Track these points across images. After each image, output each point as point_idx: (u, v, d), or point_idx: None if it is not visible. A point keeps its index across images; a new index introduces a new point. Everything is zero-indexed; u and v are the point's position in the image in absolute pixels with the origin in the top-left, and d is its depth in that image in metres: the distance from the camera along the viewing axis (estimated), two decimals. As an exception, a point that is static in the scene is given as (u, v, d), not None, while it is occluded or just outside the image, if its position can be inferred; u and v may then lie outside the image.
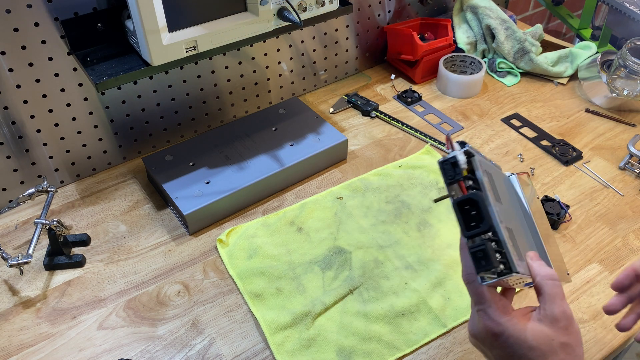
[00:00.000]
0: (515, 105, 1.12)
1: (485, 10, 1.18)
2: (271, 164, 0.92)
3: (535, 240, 0.58)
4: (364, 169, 0.98)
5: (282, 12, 0.81)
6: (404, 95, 1.13)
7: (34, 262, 0.81)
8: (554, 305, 0.50)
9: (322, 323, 0.73)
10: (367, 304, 0.75)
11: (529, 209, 0.59)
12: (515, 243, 0.49)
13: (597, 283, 0.78)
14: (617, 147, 1.01)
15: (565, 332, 0.50)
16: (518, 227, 0.53)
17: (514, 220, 0.53)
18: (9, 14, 0.75)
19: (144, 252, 0.84)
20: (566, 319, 0.50)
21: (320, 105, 1.13)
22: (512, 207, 0.55)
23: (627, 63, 1.03)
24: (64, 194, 0.94)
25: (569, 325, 0.50)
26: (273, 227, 0.86)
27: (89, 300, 0.77)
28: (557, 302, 0.51)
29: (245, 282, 0.78)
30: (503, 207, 0.50)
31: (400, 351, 0.70)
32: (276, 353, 0.70)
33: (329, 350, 0.70)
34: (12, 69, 0.80)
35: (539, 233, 0.59)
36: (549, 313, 0.50)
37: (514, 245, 0.49)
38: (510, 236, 0.49)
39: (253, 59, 1.03)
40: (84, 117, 0.90)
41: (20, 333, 0.73)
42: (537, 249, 0.56)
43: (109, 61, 0.79)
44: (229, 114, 1.07)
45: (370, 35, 1.18)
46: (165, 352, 0.71)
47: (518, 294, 0.76)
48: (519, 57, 1.18)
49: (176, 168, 0.91)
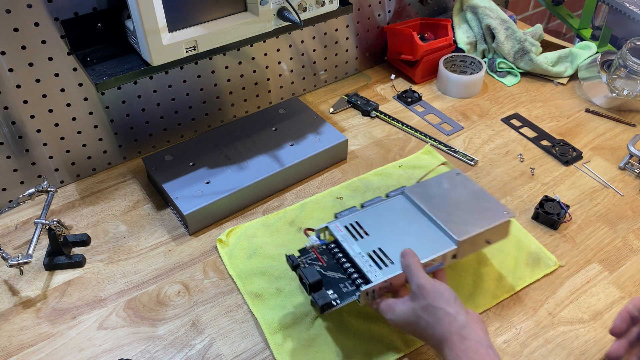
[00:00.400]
0: (515, 105, 1.12)
1: (485, 10, 1.18)
2: (271, 164, 0.92)
3: (426, 228, 0.73)
4: (364, 169, 0.98)
5: (282, 12, 0.81)
6: (404, 95, 1.13)
7: (34, 262, 0.81)
8: (411, 284, 0.64)
9: (322, 323, 0.73)
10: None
11: (424, 206, 0.75)
12: (385, 255, 0.69)
13: (597, 283, 0.78)
14: (617, 147, 1.01)
15: (423, 298, 0.61)
16: (402, 235, 0.71)
17: (395, 232, 0.72)
18: (9, 14, 0.75)
19: (144, 252, 0.84)
20: (419, 287, 0.62)
21: (320, 105, 1.13)
22: (395, 223, 0.74)
23: (627, 63, 1.03)
24: (64, 194, 0.94)
25: (424, 290, 0.62)
26: (273, 227, 0.86)
27: (89, 300, 0.77)
28: (412, 279, 0.63)
29: (245, 282, 0.78)
30: (370, 238, 0.71)
31: (400, 351, 0.70)
32: (276, 353, 0.70)
33: (329, 350, 0.70)
34: (12, 69, 0.80)
35: (434, 216, 0.73)
36: (411, 290, 0.64)
37: (382, 258, 0.69)
38: (376, 255, 0.69)
39: (253, 59, 1.03)
40: (84, 117, 0.90)
41: (20, 333, 0.73)
42: (424, 236, 0.72)
43: (109, 61, 0.79)
44: (229, 114, 1.07)
45: (370, 35, 1.18)
46: (165, 352, 0.71)
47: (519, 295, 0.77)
48: (519, 57, 1.18)
49: (176, 168, 0.91)
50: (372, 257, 0.69)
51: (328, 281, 0.68)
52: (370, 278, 0.66)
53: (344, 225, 0.73)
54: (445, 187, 0.78)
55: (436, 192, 0.77)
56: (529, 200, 0.91)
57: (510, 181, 0.95)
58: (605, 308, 0.75)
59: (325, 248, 0.72)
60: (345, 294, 0.66)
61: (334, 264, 0.70)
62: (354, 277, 0.68)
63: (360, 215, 0.75)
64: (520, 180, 0.95)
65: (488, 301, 0.76)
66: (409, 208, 0.76)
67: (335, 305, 0.65)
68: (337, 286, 0.67)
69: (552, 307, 0.76)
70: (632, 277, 0.79)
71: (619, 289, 0.78)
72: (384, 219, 0.74)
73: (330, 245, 0.72)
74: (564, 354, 0.70)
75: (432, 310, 0.60)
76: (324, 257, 0.71)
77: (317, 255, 0.71)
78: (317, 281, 0.66)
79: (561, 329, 0.73)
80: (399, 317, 0.63)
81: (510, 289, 0.77)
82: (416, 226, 0.73)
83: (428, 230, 0.72)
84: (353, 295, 0.66)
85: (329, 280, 0.68)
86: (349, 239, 0.71)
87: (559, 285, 0.78)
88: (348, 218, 0.74)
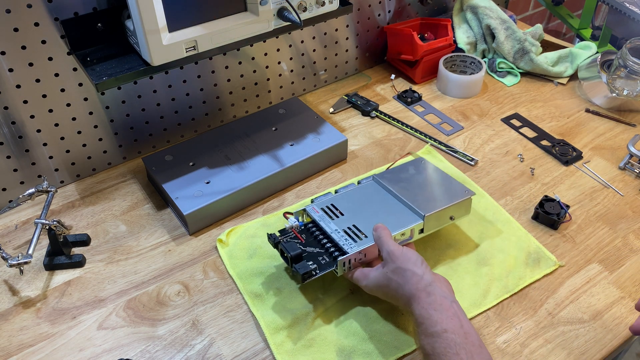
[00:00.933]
0: (515, 105, 1.12)
1: (485, 10, 1.18)
2: (271, 164, 0.92)
3: (395, 206, 0.80)
4: (364, 169, 0.98)
5: (282, 12, 0.81)
6: (404, 95, 1.13)
7: (34, 262, 0.81)
8: (382, 251, 0.70)
9: (322, 323, 0.73)
10: (367, 303, 0.75)
11: (393, 189, 0.82)
12: (359, 230, 0.75)
13: (597, 283, 0.78)
14: (617, 147, 1.01)
15: (392, 262, 0.67)
16: (374, 213, 0.78)
17: (367, 211, 0.79)
18: (9, 14, 0.75)
19: (144, 252, 0.84)
20: (389, 253, 0.68)
21: (320, 105, 1.13)
22: (367, 204, 0.81)
23: (627, 63, 1.03)
24: (64, 194, 0.94)
25: (393, 255, 0.68)
26: (273, 227, 0.86)
27: (89, 300, 0.77)
28: (383, 247, 0.70)
29: (245, 282, 0.78)
30: (345, 217, 0.78)
31: (401, 351, 0.70)
32: (276, 353, 0.70)
33: (329, 350, 0.70)
34: (12, 69, 0.80)
35: (405, 199, 0.80)
36: (382, 258, 0.70)
37: (356, 233, 0.75)
38: (351, 230, 0.75)
39: (253, 59, 1.03)
40: (84, 117, 0.90)
41: (20, 333, 0.73)
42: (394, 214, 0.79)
43: (109, 61, 0.79)
44: (229, 114, 1.07)
45: (370, 35, 1.18)
46: (165, 352, 0.71)
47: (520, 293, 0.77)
48: (519, 57, 1.18)
49: (176, 168, 0.91)
50: (347, 232, 0.75)
51: (307, 255, 0.74)
52: (347, 250, 0.72)
53: (320, 208, 0.80)
54: (412, 172, 0.86)
55: (404, 177, 0.85)
56: (529, 200, 0.91)
57: (510, 181, 0.95)
58: (605, 308, 0.75)
59: (303, 228, 0.78)
60: (324, 265, 0.72)
61: (312, 240, 0.76)
62: (331, 251, 0.74)
63: (335, 198, 0.82)
64: (520, 180, 0.95)
65: (489, 301, 0.76)
66: (380, 191, 0.83)
67: (315, 274, 0.71)
68: (316, 259, 0.73)
69: (552, 307, 0.76)
70: (632, 277, 0.79)
71: (619, 289, 0.77)
72: (357, 201, 0.81)
73: (308, 225, 0.78)
74: (564, 354, 0.70)
75: (401, 272, 0.66)
76: (303, 235, 0.77)
77: (297, 234, 0.77)
78: (298, 254, 0.72)
79: (561, 329, 0.73)
80: (372, 281, 0.69)
81: (511, 289, 0.77)
82: (386, 205, 0.80)
83: (397, 209, 0.79)
84: (331, 267, 0.72)
85: (308, 255, 0.74)
86: (325, 219, 0.78)
87: (559, 285, 0.78)
88: (324, 201, 0.81)
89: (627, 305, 0.75)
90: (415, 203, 0.78)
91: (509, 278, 0.79)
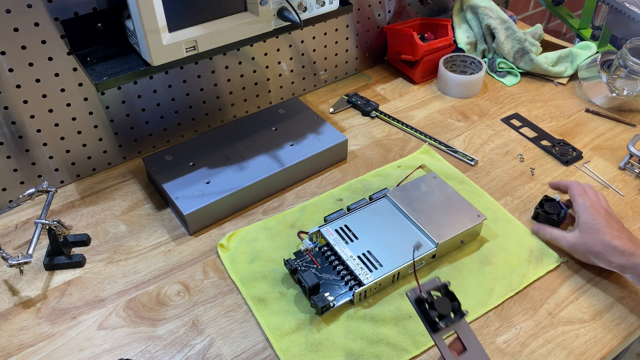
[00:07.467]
0: (515, 105, 1.12)
1: (485, 10, 1.18)
2: (271, 164, 0.92)
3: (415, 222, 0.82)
4: (364, 169, 0.98)
5: (282, 12, 0.81)
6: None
7: (34, 262, 0.81)
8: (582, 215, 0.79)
9: (328, 327, 0.73)
10: (373, 306, 0.75)
11: (406, 209, 0.83)
12: (374, 258, 0.77)
13: (597, 283, 0.78)
14: (617, 147, 1.01)
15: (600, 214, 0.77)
16: (388, 237, 0.80)
17: (381, 234, 0.80)
18: (9, 14, 0.75)
19: (144, 252, 0.84)
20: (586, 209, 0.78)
21: (320, 105, 1.13)
22: (381, 226, 0.82)
23: (627, 63, 1.03)
24: (64, 194, 0.94)
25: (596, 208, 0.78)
26: (274, 231, 0.86)
27: (89, 300, 0.77)
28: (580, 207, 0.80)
29: (247, 286, 0.78)
30: (359, 241, 0.79)
31: (409, 353, 0.70)
32: (283, 359, 0.69)
33: (337, 354, 0.70)
34: (12, 69, 0.80)
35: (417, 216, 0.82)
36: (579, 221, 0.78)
37: (371, 261, 0.77)
38: (366, 258, 0.77)
39: (253, 59, 1.03)
40: (84, 117, 0.90)
41: (20, 333, 0.73)
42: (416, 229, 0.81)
43: (109, 61, 0.79)
44: (229, 114, 1.07)
45: (370, 35, 1.18)
46: (165, 352, 0.71)
47: (522, 292, 0.77)
48: (519, 57, 1.18)
49: (176, 168, 0.91)
50: (362, 260, 0.77)
51: (324, 283, 0.76)
52: (363, 280, 0.74)
53: (334, 229, 0.81)
54: (424, 190, 0.86)
55: (415, 196, 0.85)
56: (529, 200, 0.91)
57: (510, 181, 0.95)
58: (606, 308, 0.75)
59: (318, 250, 0.79)
60: (341, 295, 0.74)
61: (327, 266, 0.78)
62: (347, 279, 0.76)
63: (348, 218, 0.83)
64: (520, 180, 0.95)
65: (494, 300, 0.76)
66: (392, 211, 0.84)
67: (332, 306, 0.73)
68: (333, 287, 0.75)
69: (552, 307, 0.76)
70: (632, 277, 0.79)
71: (619, 289, 0.77)
72: (370, 222, 0.82)
73: (323, 248, 0.80)
74: (564, 354, 0.70)
75: None
76: (318, 259, 0.78)
77: (312, 258, 0.78)
78: (315, 285, 0.73)
79: (561, 329, 0.73)
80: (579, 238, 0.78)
81: (515, 287, 0.77)
82: (399, 229, 0.81)
83: (410, 234, 0.80)
84: (348, 296, 0.74)
85: (324, 282, 0.76)
86: (340, 243, 0.79)
87: (559, 285, 0.78)
88: (337, 222, 0.82)
89: (627, 305, 0.75)
90: (429, 228, 0.80)
91: (512, 276, 0.79)
